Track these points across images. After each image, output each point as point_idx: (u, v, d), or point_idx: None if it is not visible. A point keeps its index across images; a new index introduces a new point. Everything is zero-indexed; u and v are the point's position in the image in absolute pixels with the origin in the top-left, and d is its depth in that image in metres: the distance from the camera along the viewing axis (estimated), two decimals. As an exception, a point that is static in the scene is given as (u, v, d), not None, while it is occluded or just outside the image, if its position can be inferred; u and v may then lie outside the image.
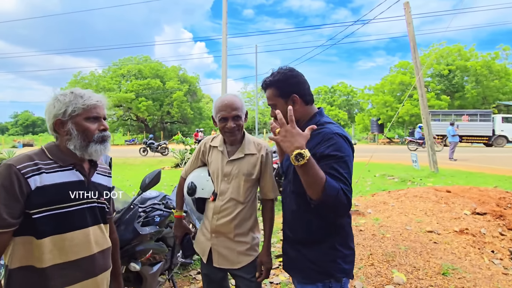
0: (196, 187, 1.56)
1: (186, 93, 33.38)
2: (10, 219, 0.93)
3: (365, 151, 16.28)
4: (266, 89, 1.30)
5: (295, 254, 1.28)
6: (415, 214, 4.08)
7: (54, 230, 1.00)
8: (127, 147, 25.32)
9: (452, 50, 26.76)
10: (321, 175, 1.01)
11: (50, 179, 1.00)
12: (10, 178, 0.94)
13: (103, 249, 1.14)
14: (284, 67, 1.28)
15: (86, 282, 1.07)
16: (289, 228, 1.32)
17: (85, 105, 1.07)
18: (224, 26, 11.04)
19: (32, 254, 0.97)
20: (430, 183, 6.84)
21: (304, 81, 1.27)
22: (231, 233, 1.50)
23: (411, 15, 8.84)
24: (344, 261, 1.21)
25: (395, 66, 29.86)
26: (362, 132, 32.19)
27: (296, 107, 1.22)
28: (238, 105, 1.45)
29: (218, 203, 1.50)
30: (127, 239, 1.75)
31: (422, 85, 8.94)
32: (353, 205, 4.68)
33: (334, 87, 42.71)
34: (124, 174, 9.28)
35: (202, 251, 1.58)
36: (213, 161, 1.56)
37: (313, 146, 1.15)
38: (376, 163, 11.01)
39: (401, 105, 16.37)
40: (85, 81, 31.34)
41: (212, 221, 1.51)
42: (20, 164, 0.96)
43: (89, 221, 1.09)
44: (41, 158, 1.03)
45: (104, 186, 1.21)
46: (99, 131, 1.10)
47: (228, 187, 1.49)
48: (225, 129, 1.46)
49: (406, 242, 3.14)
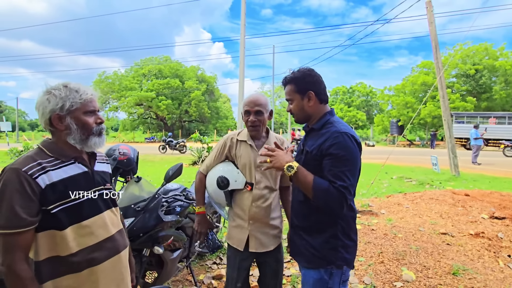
0: (228, 180, 1.65)
1: (204, 93, 33.98)
2: (29, 218, 0.98)
3: (383, 153, 15.95)
4: (286, 85, 1.41)
5: (299, 241, 1.41)
6: (430, 216, 4.05)
7: (72, 220, 1.07)
8: (147, 144, 26.18)
9: (479, 49, 25.52)
10: (309, 179, 1.21)
11: (57, 176, 1.05)
12: (20, 181, 0.97)
13: (119, 229, 1.24)
14: (304, 67, 1.40)
15: (112, 259, 1.17)
16: (296, 216, 1.45)
17: (82, 99, 1.10)
18: (243, 27, 11.22)
19: (56, 245, 1.04)
20: (450, 187, 6.66)
21: (321, 81, 1.38)
22: (267, 217, 1.67)
23: (433, 14, 8.62)
24: (345, 250, 1.31)
25: (418, 66, 28.88)
26: (381, 134, 31.43)
27: (310, 103, 1.36)
28: (261, 101, 1.64)
29: (256, 191, 1.65)
30: (152, 225, 1.94)
31: (444, 86, 8.70)
32: (367, 205, 4.70)
33: (352, 87, 41.89)
34: (145, 170, 9.69)
35: (238, 240, 1.67)
36: (242, 154, 1.67)
37: (319, 144, 1.28)
38: (394, 165, 10.81)
39: (422, 105, 15.83)
40: (108, 80, 32.62)
41: (251, 208, 1.64)
42: (25, 167, 0.99)
43: (102, 207, 1.17)
44: (42, 157, 1.06)
45: (107, 172, 1.28)
46: (96, 124, 1.14)
47: (262, 176, 1.66)
48: (248, 122, 1.64)
49: (418, 242, 3.15)
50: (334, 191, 1.16)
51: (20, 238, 0.98)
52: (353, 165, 1.22)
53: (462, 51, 25.79)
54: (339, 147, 1.21)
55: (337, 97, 42.82)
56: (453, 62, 25.08)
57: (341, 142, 1.22)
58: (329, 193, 1.16)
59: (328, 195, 1.17)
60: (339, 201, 1.17)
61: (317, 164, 1.27)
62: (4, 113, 50.65)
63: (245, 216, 1.66)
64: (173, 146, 16.48)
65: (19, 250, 0.98)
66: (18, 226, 0.97)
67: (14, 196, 0.96)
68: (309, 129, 1.42)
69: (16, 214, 0.96)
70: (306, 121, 1.43)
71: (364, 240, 3.29)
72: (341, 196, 1.16)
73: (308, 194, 1.23)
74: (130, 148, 2.28)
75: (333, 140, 1.23)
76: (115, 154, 2.18)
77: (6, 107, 56.44)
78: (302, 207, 1.39)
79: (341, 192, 1.16)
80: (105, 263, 1.14)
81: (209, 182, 1.73)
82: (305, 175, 1.22)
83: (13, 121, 39.29)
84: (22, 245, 0.98)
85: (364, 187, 6.69)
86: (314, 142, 1.33)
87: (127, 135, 35.88)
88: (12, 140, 30.74)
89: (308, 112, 1.38)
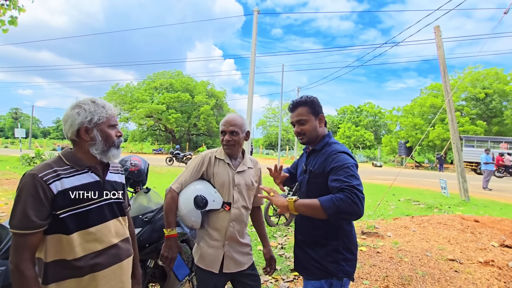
0: (207, 199, 1.57)
1: (213, 107, 34.54)
2: (38, 221, 1.04)
3: (390, 174, 15.72)
4: (298, 106, 1.48)
5: (302, 255, 1.47)
6: (437, 241, 3.96)
7: (79, 226, 1.12)
8: (154, 155, 26.47)
9: (489, 73, 25.49)
10: (314, 203, 1.21)
11: (69, 183, 1.12)
12: (35, 186, 1.05)
13: (123, 238, 1.28)
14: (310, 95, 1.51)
15: (114, 267, 1.21)
16: (299, 232, 1.51)
17: (108, 114, 1.21)
18: (253, 46, 11.57)
19: (63, 249, 1.10)
20: (459, 212, 6.51)
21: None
22: (242, 236, 1.68)
23: (442, 39, 8.76)
24: (347, 264, 1.37)
25: (426, 88, 28.91)
26: (389, 154, 31.09)
27: (321, 125, 1.49)
28: (237, 122, 1.65)
29: (234, 211, 1.63)
30: (158, 236, 1.97)
31: (452, 109, 8.69)
32: (373, 227, 4.63)
33: (360, 107, 42.01)
34: (151, 182, 9.77)
35: (212, 262, 1.60)
36: (219, 172, 1.64)
37: (319, 164, 1.39)
38: (401, 187, 10.63)
39: (430, 128, 15.70)
40: (121, 92, 33.62)
41: (228, 228, 1.62)
42: (41, 173, 1.07)
43: (108, 216, 1.22)
44: (59, 165, 1.14)
45: (119, 183, 1.34)
46: (117, 137, 1.24)
47: (238, 195, 1.66)
48: (223, 141, 1.66)
49: (425, 268, 3.08)
50: (343, 196, 1.16)
51: (28, 239, 1.04)
52: (354, 171, 1.27)
53: (472, 75, 25.78)
54: (338, 161, 1.31)
55: (344, 116, 42.90)
56: (463, 85, 25.04)
57: (340, 157, 1.32)
58: (336, 199, 1.16)
59: (337, 201, 1.16)
60: (351, 200, 1.15)
61: (320, 182, 1.36)
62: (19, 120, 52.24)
63: (221, 236, 1.62)
64: (180, 158, 16.63)
65: (27, 250, 1.04)
66: (27, 228, 1.03)
67: (28, 199, 1.04)
68: (311, 150, 1.51)
69: (27, 217, 1.03)
70: (313, 142, 1.50)
71: (369, 263, 3.23)
72: (349, 195, 1.16)
73: (322, 216, 1.20)
74: (141, 159, 2.36)
75: (333, 157, 1.34)
76: (126, 165, 2.25)
77: (21, 114, 58.26)
78: (306, 222, 1.45)
79: (349, 191, 1.17)
80: (106, 270, 1.17)
81: (184, 201, 1.60)
82: (308, 201, 1.25)
83: (27, 128, 40.42)
84: (29, 246, 1.05)
85: (371, 209, 6.59)
86: (316, 161, 1.43)
87: (136, 145, 36.41)
88: (25, 147, 31.52)
89: (318, 133, 1.48)
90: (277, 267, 3.18)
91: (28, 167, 12.76)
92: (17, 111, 56.05)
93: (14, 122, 52.94)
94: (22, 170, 11.70)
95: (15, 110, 55.86)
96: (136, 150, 34.22)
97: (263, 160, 25.45)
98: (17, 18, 3.41)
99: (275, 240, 4.14)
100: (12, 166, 13.00)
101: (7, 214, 5.05)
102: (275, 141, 44.10)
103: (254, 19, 11.65)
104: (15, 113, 55.36)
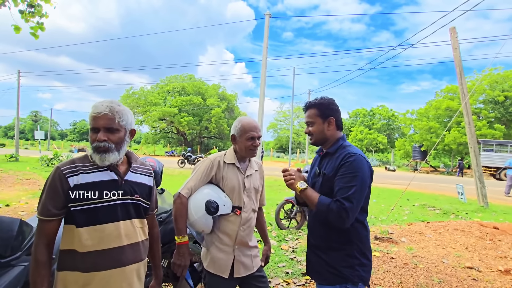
0: (218, 204, 1.55)
1: (224, 110, 34.81)
2: (54, 210, 1.11)
3: (404, 178, 15.36)
4: (308, 108, 1.53)
5: (315, 259, 1.45)
6: (454, 248, 3.84)
7: (87, 222, 1.14)
8: (166, 158, 26.86)
9: (509, 75, 24.58)
10: (315, 196, 1.37)
11: (86, 178, 1.15)
12: (55, 177, 1.12)
13: (133, 242, 1.22)
14: (326, 96, 1.54)
15: (114, 270, 1.16)
16: (312, 236, 1.50)
17: (91, 115, 1.17)
18: (265, 49, 11.62)
19: (73, 240, 1.13)
20: (477, 218, 6.28)
21: (339, 111, 1.54)
22: (251, 240, 1.68)
23: (458, 40, 8.55)
24: (362, 269, 1.36)
25: (442, 90, 28.15)
26: (402, 158, 30.36)
27: (330, 128, 1.49)
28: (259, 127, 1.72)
29: (244, 215, 1.64)
30: (171, 236, 2.00)
31: (469, 112, 8.44)
32: (386, 232, 4.53)
33: (373, 110, 41.34)
34: (163, 183, 9.91)
35: (223, 268, 1.58)
36: (229, 177, 1.63)
37: (334, 167, 1.39)
38: (416, 192, 10.37)
39: (445, 131, 15.27)
40: (135, 95, 34.39)
41: (239, 232, 1.61)
42: (63, 167, 1.14)
43: (119, 216, 1.19)
44: (83, 161, 1.19)
45: (142, 184, 1.30)
46: (97, 141, 1.15)
47: (248, 199, 1.67)
48: (251, 147, 1.65)
49: (441, 275, 2.99)
50: (335, 208, 1.28)
51: (45, 226, 1.13)
52: (362, 183, 1.30)
53: (490, 77, 24.94)
54: (351, 166, 1.32)
55: (357, 119, 42.29)
56: (480, 88, 24.24)
57: (353, 162, 1.33)
58: (329, 209, 1.30)
59: (328, 211, 1.30)
60: (339, 216, 1.28)
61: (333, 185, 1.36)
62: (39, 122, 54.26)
63: (231, 241, 1.61)
64: (192, 161, 16.84)
65: (43, 236, 1.12)
66: (45, 215, 1.12)
67: (48, 189, 1.13)
68: (324, 153, 1.52)
69: (45, 205, 1.12)
70: (322, 144, 1.53)
71: (383, 269, 3.16)
72: (341, 214, 1.27)
73: (311, 206, 1.41)
74: (156, 161, 2.41)
75: (347, 159, 1.35)
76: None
77: (41, 117, 60.46)
78: (319, 227, 1.44)
79: (342, 211, 1.27)
80: (105, 272, 1.15)
81: (194, 207, 1.56)
82: (312, 193, 1.40)
83: (46, 130, 41.89)
84: (46, 232, 1.13)
85: (384, 213, 6.46)
86: (330, 164, 1.43)
87: (149, 148, 37.07)
88: (44, 148, 32.66)
89: (326, 135, 1.49)
90: (288, 271, 3.16)
91: (47, 168, 13.21)
92: (37, 114, 58.22)
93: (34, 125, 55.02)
94: (41, 170, 12.13)
95: (35, 113, 58.05)
96: (149, 152, 34.84)
97: (273, 163, 25.37)
98: (43, 23, 3.61)
99: (286, 244, 4.12)
100: (32, 167, 13.49)
101: (28, 213, 5.24)
102: (286, 144, 43.95)
103: (266, 23, 11.72)
104: (35, 116, 57.52)
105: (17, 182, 9.03)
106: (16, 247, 1.37)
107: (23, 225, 1.49)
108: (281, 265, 3.33)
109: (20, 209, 5.53)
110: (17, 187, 8.21)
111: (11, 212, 5.27)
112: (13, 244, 1.36)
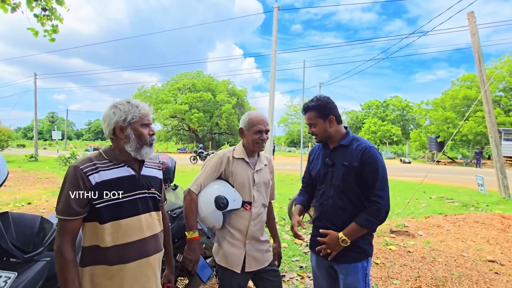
0: (228, 199, 1.57)
1: (235, 106, 34.84)
2: (78, 208, 1.14)
3: (420, 170, 14.99)
4: (307, 111, 1.59)
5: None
6: (475, 241, 3.72)
7: (112, 217, 1.19)
8: (178, 154, 27.25)
9: (531, 61, 23.35)
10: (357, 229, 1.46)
11: (106, 175, 1.19)
12: (76, 176, 1.15)
13: (154, 233, 1.31)
14: (321, 95, 1.61)
15: (141, 261, 1.24)
16: (331, 222, 1.56)
17: (141, 113, 1.26)
18: (274, 43, 11.49)
19: (97, 236, 1.18)
20: (498, 210, 6.06)
21: (336, 107, 1.60)
22: (262, 235, 1.69)
23: (476, 25, 8.18)
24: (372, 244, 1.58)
25: (459, 79, 27.08)
26: (418, 150, 29.59)
27: (332, 125, 1.57)
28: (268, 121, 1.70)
29: (255, 210, 1.64)
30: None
31: (490, 101, 8.10)
32: (402, 226, 4.44)
33: (386, 101, 40.36)
34: (176, 180, 10.06)
35: (235, 262, 1.60)
36: (238, 172, 1.63)
37: (354, 159, 1.49)
38: (433, 184, 10.11)
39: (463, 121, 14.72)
40: (146, 94, 34.88)
41: (249, 227, 1.62)
42: (82, 165, 1.17)
43: (140, 209, 1.26)
44: (99, 159, 1.23)
45: (155, 178, 1.37)
46: (149, 135, 1.29)
47: (258, 194, 1.67)
48: (258, 140, 1.64)
49: (461, 269, 2.91)
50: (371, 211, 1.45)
51: (70, 225, 1.14)
52: (386, 173, 1.49)
53: (510, 64, 23.80)
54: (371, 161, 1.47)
55: (369, 111, 41.43)
56: (500, 75, 23.20)
57: (373, 155, 1.48)
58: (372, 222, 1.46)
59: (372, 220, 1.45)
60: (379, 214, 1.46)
61: (357, 174, 1.49)
62: (55, 123, 56.07)
63: (242, 236, 1.62)
64: (204, 157, 17.01)
65: (68, 234, 1.14)
66: (69, 214, 1.14)
67: (70, 188, 1.14)
68: (338, 145, 1.58)
69: (68, 204, 1.13)
70: (327, 141, 1.62)
71: (399, 262, 3.10)
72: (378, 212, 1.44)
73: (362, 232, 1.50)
74: (169, 158, 2.44)
75: (369, 152, 1.48)
76: (155, 163, 2.34)
77: (57, 118, 62.48)
78: (341, 213, 1.54)
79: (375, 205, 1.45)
80: (133, 263, 1.22)
81: (204, 202, 1.57)
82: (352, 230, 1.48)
83: (62, 130, 43.25)
84: (70, 231, 1.14)
85: (400, 207, 6.33)
86: (347, 156, 1.51)
87: (161, 145, 37.68)
88: (61, 148, 33.76)
89: (330, 133, 1.58)
90: (302, 265, 3.15)
91: (64, 167, 13.66)
92: (53, 115, 60.19)
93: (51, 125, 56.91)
94: (59, 169, 12.55)
95: (52, 114, 60.06)
96: (162, 149, 35.39)
97: (285, 158, 25.28)
98: (57, 26, 3.69)
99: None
100: (51, 166, 13.98)
101: (48, 211, 5.44)
102: (297, 138, 43.66)
103: (274, 16, 11.56)
104: (51, 117, 59.53)
105: (37, 181, 9.39)
106: (38, 243, 1.42)
107: (44, 222, 1.54)
108: (295, 259, 3.33)
109: (41, 207, 5.76)
110: (37, 186, 8.55)
111: (32, 210, 5.49)
112: (35, 240, 1.41)
